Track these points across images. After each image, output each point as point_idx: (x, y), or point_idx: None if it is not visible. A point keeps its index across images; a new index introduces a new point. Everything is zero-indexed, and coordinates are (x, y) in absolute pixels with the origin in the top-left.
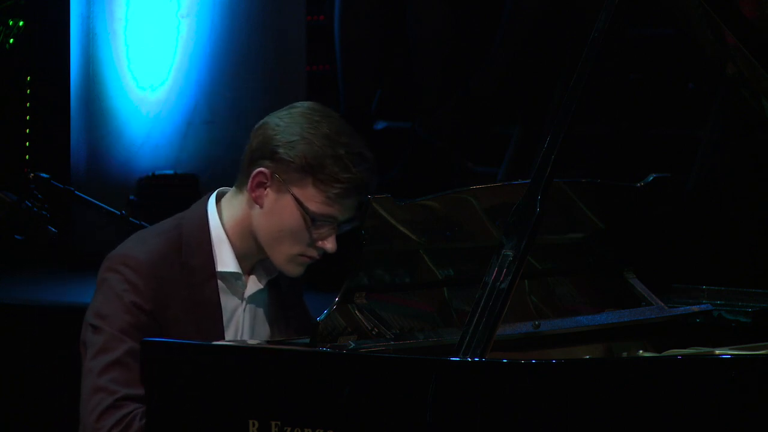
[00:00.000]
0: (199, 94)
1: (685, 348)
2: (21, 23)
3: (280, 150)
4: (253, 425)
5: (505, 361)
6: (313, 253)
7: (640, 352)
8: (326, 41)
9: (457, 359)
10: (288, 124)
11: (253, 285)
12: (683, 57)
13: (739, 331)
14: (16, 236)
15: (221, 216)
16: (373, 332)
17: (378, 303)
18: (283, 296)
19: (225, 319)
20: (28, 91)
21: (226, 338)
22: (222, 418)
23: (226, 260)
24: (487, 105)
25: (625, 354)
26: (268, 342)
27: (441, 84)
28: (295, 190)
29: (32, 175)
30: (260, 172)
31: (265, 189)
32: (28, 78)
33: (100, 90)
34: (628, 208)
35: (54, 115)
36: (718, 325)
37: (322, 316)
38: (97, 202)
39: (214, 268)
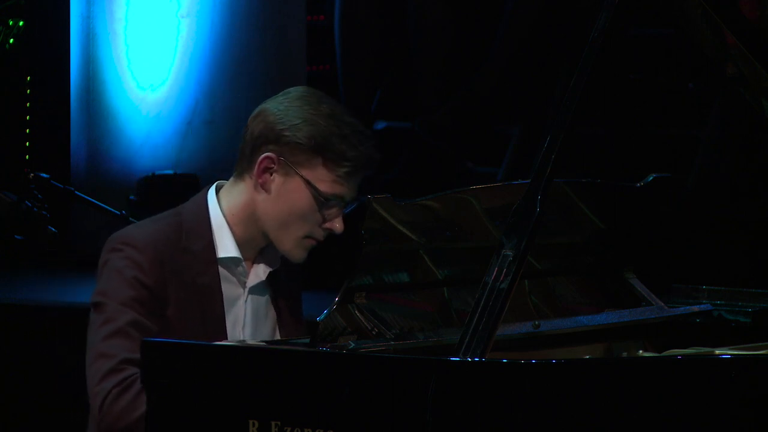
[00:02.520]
0: (199, 94)
1: (685, 348)
2: (21, 23)
3: (287, 133)
4: (253, 425)
5: (505, 361)
6: (320, 235)
7: (640, 352)
8: (326, 41)
9: (457, 359)
10: (288, 107)
11: (255, 276)
12: (683, 57)
13: (739, 331)
14: (16, 236)
15: (221, 205)
16: (373, 332)
17: (378, 303)
18: (280, 299)
19: (225, 306)
20: (28, 91)
21: (227, 326)
22: (222, 418)
23: (226, 246)
24: (487, 105)
25: (625, 354)
26: (268, 342)
27: (441, 84)
28: (304, 172)
29: (32, 175)
30: (267, 157)
31: (272, 174)
32: (28, 78)
33: (100, 90)
34: (628, 208)
35: (54, 115)
36: (718, 325)
37: (322, 316)
38: (97, 202)
39: (215, 255)
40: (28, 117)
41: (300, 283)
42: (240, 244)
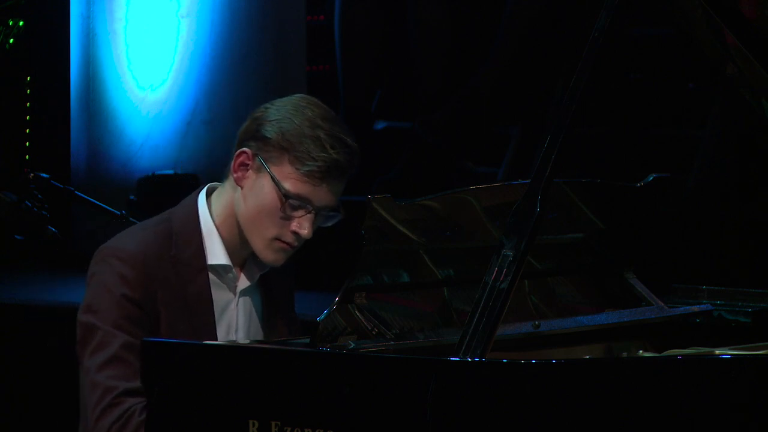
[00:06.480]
0: (199, 94)
1: (685, 348)
2: (21, 23)
3: (262, 129)
4: (253, 425)
5: (505, 361)
6: (290, 238)
7: (640, 352)
8: (326, 41)
9: (457, 359)
10: (276, 108)
11: (245, 280)
12: (683, 57)
13: (739, 331)
14: (16, 236)
15: (211, 209)
16: (373, 332)
17: (378, 303)
18: (273, 299)
19: (216, 313)
20: (28, 91)
21: (218, 333)
22: (222, 418)
23: (216, 253)
24: (487, 105)
25: (625, 354)
26: (268, 342)
27: (441, 84)
28: (273, 168)
29: (32, 175)
30: (242, 152)
31: (248, 170)
32: (28, 78)
33: (100, 90)
34: (628, 208)
35: (54, 115)
36: (718, 325)
37: (322, 316)
38: (97, 202)
39: (205, 261)
40: (28, 117)
41: (293, 281)
42: (229, 249)
